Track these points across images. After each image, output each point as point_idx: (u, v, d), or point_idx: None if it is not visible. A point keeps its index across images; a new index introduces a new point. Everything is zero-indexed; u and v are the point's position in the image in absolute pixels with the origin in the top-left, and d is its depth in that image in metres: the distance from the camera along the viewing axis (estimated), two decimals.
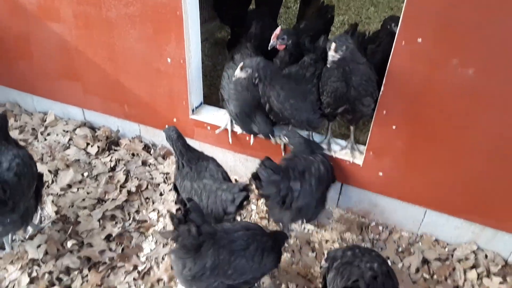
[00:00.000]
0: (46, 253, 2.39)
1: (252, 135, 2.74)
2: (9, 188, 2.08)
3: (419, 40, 1.98)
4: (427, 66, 2.02)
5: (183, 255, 1.80)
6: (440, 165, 2.28)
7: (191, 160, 2.34)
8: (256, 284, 2.23)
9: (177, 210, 2.05)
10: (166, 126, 2.36)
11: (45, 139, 3.27)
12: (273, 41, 2.54)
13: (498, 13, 1.79)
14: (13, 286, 2.25)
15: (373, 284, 1.75)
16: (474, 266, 2.45)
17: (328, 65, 2.13)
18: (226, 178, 2.33)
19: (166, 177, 2.98)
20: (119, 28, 2.75)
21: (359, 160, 2.52)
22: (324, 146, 2.66)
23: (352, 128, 2.61)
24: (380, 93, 2.20)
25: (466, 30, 1.87)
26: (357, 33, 2.81)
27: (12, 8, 3.03)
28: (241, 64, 2.25)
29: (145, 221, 2.69)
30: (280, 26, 2.62)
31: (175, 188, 2.36)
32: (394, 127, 2.28)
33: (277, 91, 2.30)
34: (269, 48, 2.55)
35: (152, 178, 2.96)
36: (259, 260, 1.95)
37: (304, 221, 2.55)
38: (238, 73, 2.26)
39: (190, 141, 2.99)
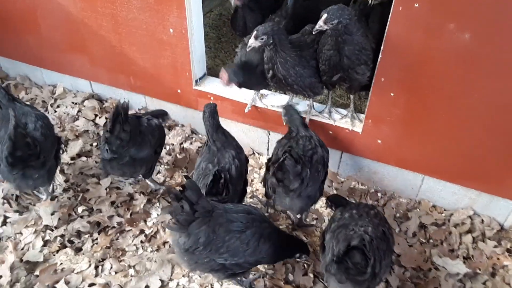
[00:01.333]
0: (58, 219, 2.52)
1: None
2: (39, 144, 2.29)
3: (416, 5, 1.97)
4: (424, 31, 2.03)
5: (177, 229, 1.85)
6: (437, 132, 2.31)
7: (216, 142, 2.30)
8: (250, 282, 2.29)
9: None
10: (207, 104, 2.35)
11: (55, 111, 3.37)
12: None
13: None
14: (28, 248, 2.39)
15: (368, 244, 1.78)
16: (469, 231, 2.51)
17: (314, 32, 2.14)
18: (233, 172, 2.25)
19: (171, 148, 3.06)
20: None
21: (358, 128, 2.56)
22: (326, 115, 2.70)
23: (351, 97, 2.64)
24: (378, 60, 2.22)
25: None
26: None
27: None
28: (255, 32, 2.20)
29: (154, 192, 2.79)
30: None
31: None
32: (392, 94, 2.30)
33: (284, 58, 2.31)
34: None
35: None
36: (254, 246, 1.96)
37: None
38: (253, 42, 2.21)
39: (194, 113, 3.10)
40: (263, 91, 2.87)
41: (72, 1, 2.96)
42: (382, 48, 2.17)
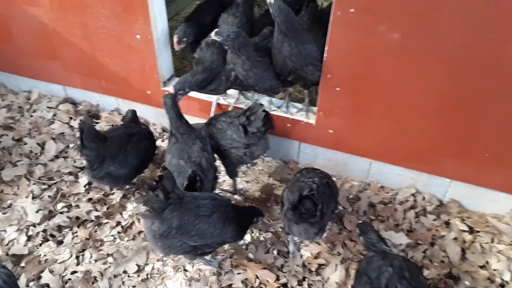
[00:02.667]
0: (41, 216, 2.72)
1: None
2: None
3: (352, 10, 2.26)
4: (360, 32, 2.32)
5: (152, 217, 2.06)
6: (379, 120, 2.61)
7: (179, 129, 2.48)
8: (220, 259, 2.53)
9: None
10: (164, 94, 2.50)
11: (31, 116, 3.53)
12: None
13: None
14: (13, 243, 2.58)
15: (315, 191, 2.16)
16: (412, 207, 2.82)
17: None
18: (204, 164, 2.45)
19: None
20: (90, 8, 2.97)
21: (312, 120, 2.84)
22: (284, 109, 2.97)
23: (306, 92, 2.91)
24: (324, 58, 2.50)
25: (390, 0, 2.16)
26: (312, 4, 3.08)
27: None
28: (216, 29, 2.46)
29: None
30: None
31: None
32: (338, 89, 2.59)
33: (243, 60, 2.54)
34: None
35: None
36: (220, 227, 2.21)
37: None
38: (213, 35, 2.47)
39: (164, 111, 3.31)
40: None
41: (44, 11, 3.13)
42: (326, 48, 2.45)
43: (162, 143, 3.31)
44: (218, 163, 2.74)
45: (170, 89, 2.69)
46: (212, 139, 2.61)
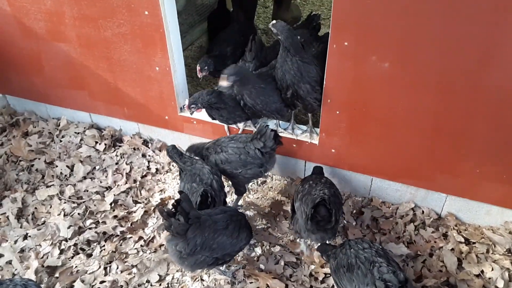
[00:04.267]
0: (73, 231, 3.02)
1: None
2: None
3: (346, 43, 2.53)
4: (354, 62, 2.58)
5: (176, 239, 2.29)
6: (376, 140, 2.84)
7: (186, 163, 2.78)
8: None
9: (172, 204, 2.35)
10: (167, 147, 2.86)
11: (61, 141, 3.87)
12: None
13: (403, 19, 2.32)
14: (47, 256, 2.87)
15: (328, 199, 2.44)
16: (412, 220, 3.02)
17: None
18: (215, 185, 2.68)
19: (162, 167, 3.58)
20: (114, 44, 3.31)
21: (315, 140, 3.09)
22: (290, 131, 3.24)
23: (309, 115, 3.17)
24: (324, 85, 2.77)
25: (380, 33, 2.42)
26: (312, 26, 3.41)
27: (24, 31, 3.60)
28: (224, 76, 2.73)
29: (149, 202, 3.30)
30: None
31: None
32: (337, 112, 2.84)
33: (249, 89, 2.85)
34: None
35: (150, 168, 3.57)
36: (236, 236, 2.46)
37: None
38: (224, 83, 2.74)
39: (181, 135, 3.62)
40: None
41: (73, 47, 3.49)
42: (325, 76, 2.72)
43: None
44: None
45: (186, 102, 3.02)
46: (224, 165, 2.86)
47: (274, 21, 2.66)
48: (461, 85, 2.42)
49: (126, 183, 3.42)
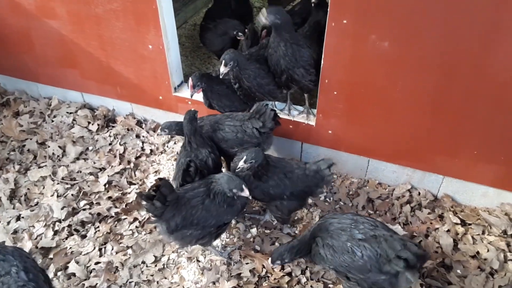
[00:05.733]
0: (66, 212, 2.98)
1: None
2: None
3: (345, 21, 2.45)
4: (353, 41, 2.51)
5: (156, 221, 2.38)
6: (374, 121, 2.80)
7: (192, 143, 2.70)
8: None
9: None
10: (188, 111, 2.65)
11: (52, 121, 3.80)
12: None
13: None
14: (41, 238, 2.85)
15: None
16: (408, 202, 3.01)
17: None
18: (210, 163, 2.67)
19: (156, 148, 3.53)
20: (106, 21, 3.21)
21: (312, 121, 3.05)
22: (286, 112, 3.18)
23: (306, 95, 3.12)
24: (321, 65, 2.71)
25: (380, 11, 2.35)
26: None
27: (13, 8, 3.48)
28: (223, 61, 2.69)
29: (143, 183, 3.26)
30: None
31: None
32: (335, 92, 2.79)
33: (247, 73, 2.80)
34: None
35: (144, 149, 3.52)
36: (217, 207, 2.41)
37: None
38: (223, 69, 2.69)
39: (175, 115, 3.56)
40: None
41: (63, 24, 3.38)
42: (323, 55, 2.66)
43: (174, 145, 3.55)
44: None
45: (190, 82, 2.89)
46: (221, 143, 2.82)
47: (265, 13, 2.58)
48: (462, 66, 2.36)
49: (120, 164, 3.37)
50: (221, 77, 2.79)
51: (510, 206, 2.85)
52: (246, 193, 2.34)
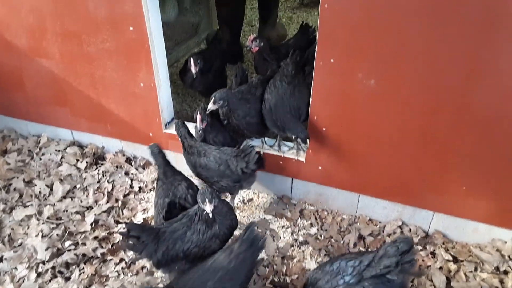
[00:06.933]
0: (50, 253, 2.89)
1: None
2: None
3: (332, 60, 2.53)
4: (340, 79, 2.57)
5: (139, 257, 2.41)
6: (363, 157, 2.83)
7: (166, 173, 2.75)
8: None
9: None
10: (150, 144, 2.82)
11: (40, 159, 3.76)
12: (249, 44, 3.31)
13: (388, 37, 2.34)
14: (24, 280, 2.74)
15: None
16: None
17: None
18: (190, 200, 2.66)
19: (145, 185, 3.49)
20: (98, 61, 3.26)
21: (302, 157, 3.06)
22: (276, 148, 3.20)
23: None
24: (310, 102, 2.75)
25: (365, 51, 2.43)
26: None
27: (5, 47, 3.52)
28: (213, 98, 2.73)
29: (131, 222, 3.19)
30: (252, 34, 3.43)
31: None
32: (324, 129, 2.82)
33: (237, 112, 2.84)
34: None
35: (133, 186, 3.47)
36: (198, 239, 2.38)
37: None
38: (212, 106, 2.74)
39: (166, 152, 3.53)
40: None
41: (55, 63, 3.43)
42: (311, 92, 2.71)
43: None
44: None
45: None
46: (201, 169, 2.83)
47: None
48: (446, 103, 2.42)
49: (107, 202, 3.31)
50: (207, 113, 2.83)
51: (501, 242, 2.84)
52: (208, 208, 2.26)
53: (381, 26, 2.32)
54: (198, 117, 2.87)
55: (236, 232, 2.97)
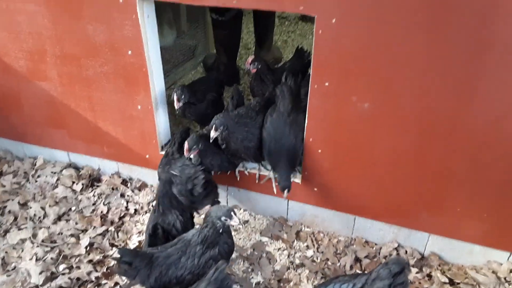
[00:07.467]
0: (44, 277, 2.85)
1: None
2: None
3: (327, 83, 2.58)
4: (335, 102, 2.62)
5: (133, 283, 2.39)
6: (358, 179, 2.85)
7: (160, 205, 2.73)
8: None
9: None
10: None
11: (36, 181, 3.75)
12: (247, 65, 3.40)
13: (382, 61, 2.40)
14: None
15: None
16: None
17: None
18: (178, 226, 2.71)
19: (141, 207, 3.49)
20: (96, 83, 3.29)
21: (298, 179, 3.08)
22: (272, 174, 3.21)
23: None
24: (305, 125, 2.80)
25: (359, 75, 2.48)
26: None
27: (4, 69, 3.57)
28: (214, 126, 2.74)
29: (126, 244, 3.17)
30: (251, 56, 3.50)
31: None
32: (319, 151, 2.85)
33: (236, 137, 2.86)
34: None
35: (128, 209, 3.47)
36: (195, 263, 2.37)
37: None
38: (214, 134, 2.75)
39: None
40: None
41: (53, 86, 3.46)
42: (307, 115, 2.75)
43: None
44: None
45: (185, 146, 2.88)
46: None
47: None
48: (440, 125, 2.47)
49: (102, 225, 3.30)
50: (211, 141, 2.85)
51: (497, 264, 2.85)
52: (235, 220, 2.33)
53: (375, 50, 2.39)
54: (186, 146, 2.86)
55: (234, 255, 2.97)
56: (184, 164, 2.89)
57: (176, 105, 3.32)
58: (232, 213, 2.33)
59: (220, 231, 2.36)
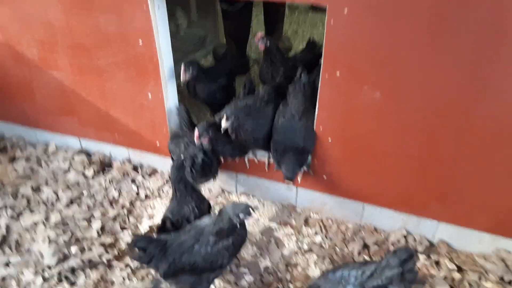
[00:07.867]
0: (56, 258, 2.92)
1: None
2: None
3: (338, 73, 2.59)
4: (346, 92, 2.63)
5: (146, 267, 2.47)
6: (367, 167, 2.86)
7: (177, 192, 2.74)
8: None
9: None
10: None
11: (48, 166, 3.81)
12: (256, 41, 3.42)
13: (393, 50, 2.40)
14: (30, 285, 2.76)
15: None
16: None
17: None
18: (191, 218, 2.73)
19: (151, 192, 3.54)
20: (107, 73, 3.33)
21: (306, 168, 3.10)
22: None
23: None
24: (316, 113, 2.81)
25: (370, 64, 2.49)
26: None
27: (17, 58, 3.62)
28: (224, 117, 2.78)
29: (137, 228, 3.23)
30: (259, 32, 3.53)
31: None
32: (329, 139, 2.87)
33: (246, 128, 2.87)
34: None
35: (139, 194, 3.52)
36: (205, 252, 2.38)
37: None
38: (225, 123, 2.78)
39: (171, 161, 3.59)
40: None
41: (65, 75, 3.51)
42: (317, 104, 2.77)
43: (169, 189, 3.55)
44: None
45: (195, 132, 2.97)
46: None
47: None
48: (450, 114, 2.47)
49: (114, 209, 3.35)
50: (222, 132, 2.88)
51: (506, 252, 2.85)
52: (254, 217, 2.37)
53: (386, 40, 2.38)
54: (196, 133, 2.91)
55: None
56: (190, 142, 3.04)
57: (182, 77, 3.34)
58: (250, 209, 2.35)
59: (238, 226, 2.38)
